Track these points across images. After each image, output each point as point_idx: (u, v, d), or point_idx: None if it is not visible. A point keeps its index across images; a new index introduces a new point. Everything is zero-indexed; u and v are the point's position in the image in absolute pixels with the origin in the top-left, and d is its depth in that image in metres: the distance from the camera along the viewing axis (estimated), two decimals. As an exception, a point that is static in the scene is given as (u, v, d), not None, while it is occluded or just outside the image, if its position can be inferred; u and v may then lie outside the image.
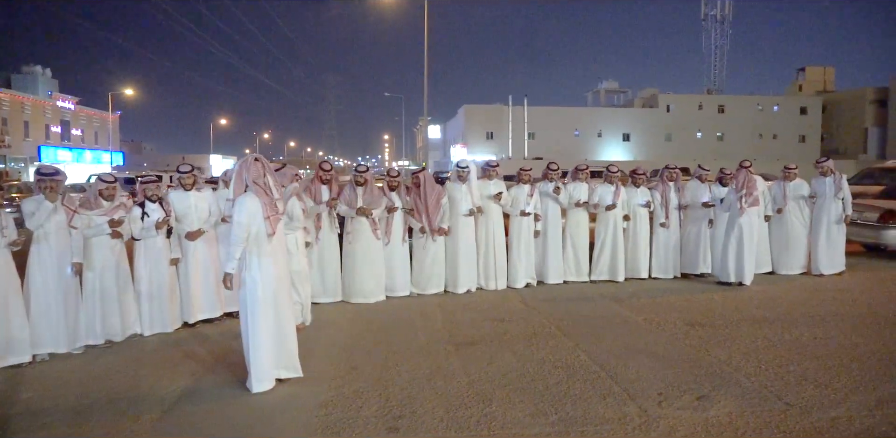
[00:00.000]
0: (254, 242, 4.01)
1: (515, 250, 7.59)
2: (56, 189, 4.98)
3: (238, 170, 4.05)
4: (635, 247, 7.95)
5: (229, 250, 4.00)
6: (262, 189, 4.02)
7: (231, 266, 3.99)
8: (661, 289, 7.40)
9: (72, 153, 52.01)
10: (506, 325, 5.77)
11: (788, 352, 4.82)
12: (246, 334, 4.04)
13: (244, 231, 3.97)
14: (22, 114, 47.31)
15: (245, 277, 4.03)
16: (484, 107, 57.21)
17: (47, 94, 51.08)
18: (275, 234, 4.05)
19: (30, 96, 48.37)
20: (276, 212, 4.08)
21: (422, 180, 7.09)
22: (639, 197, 7.94)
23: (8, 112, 45.64)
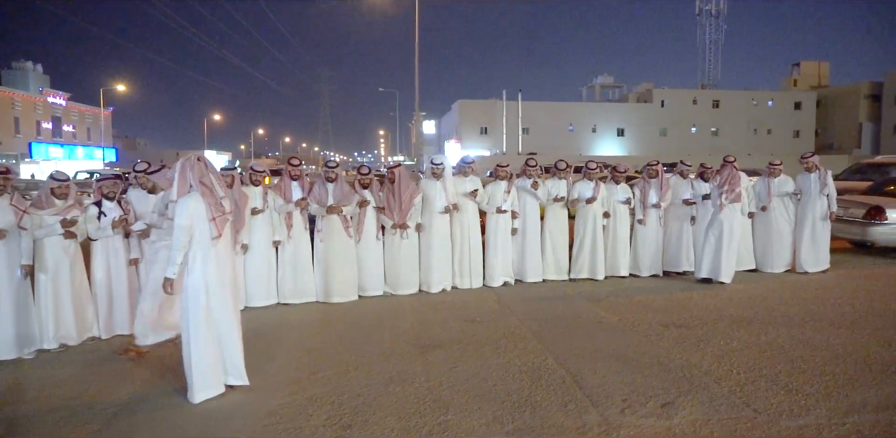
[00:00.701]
0: (197, 245, 3.82)
1: (492, 248, 7.43)
2: (3, 188, 4.79)
3: (181, 169, 3.85)
4: (615, 245, 7.79)
5: (170, 254, 3.81)
6: (207, 189, 3.84)
7: (172, 271, 3.79)
8: (640, 288, 7.25)
9: (63, 149, 51.61)
10: (476, 327, 5.60)
11: (762, 355, 4.67)
12: (187, 341, 3.85)
13: (186, 234, 3.77)
14: (12, 111, 46.88)
15: (187, 282, 3.83)
16: (478, 103, 56.95)
17: (38, 90, 50.64)
18: (221, 237, 3.86)
19: (20, 92, 47.91)
20: (223, 212, 3.89)
21: (397, 176, 6.91)
22: (619, 193, 7.77)
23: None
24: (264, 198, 6.47)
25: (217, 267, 3.88)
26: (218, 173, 4.01)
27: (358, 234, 6.80)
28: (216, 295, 3.87)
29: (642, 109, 59.25)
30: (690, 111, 58.98)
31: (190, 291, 3.82)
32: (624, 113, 59.49)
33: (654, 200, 7.75)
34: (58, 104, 52.95)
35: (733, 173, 7.38)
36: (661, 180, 7.80)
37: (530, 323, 5.71)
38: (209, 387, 3.90)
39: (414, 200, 6.92)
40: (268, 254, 6.55)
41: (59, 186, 5.13)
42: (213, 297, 3.86)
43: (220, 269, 3.90)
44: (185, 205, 3.77)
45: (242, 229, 6.16)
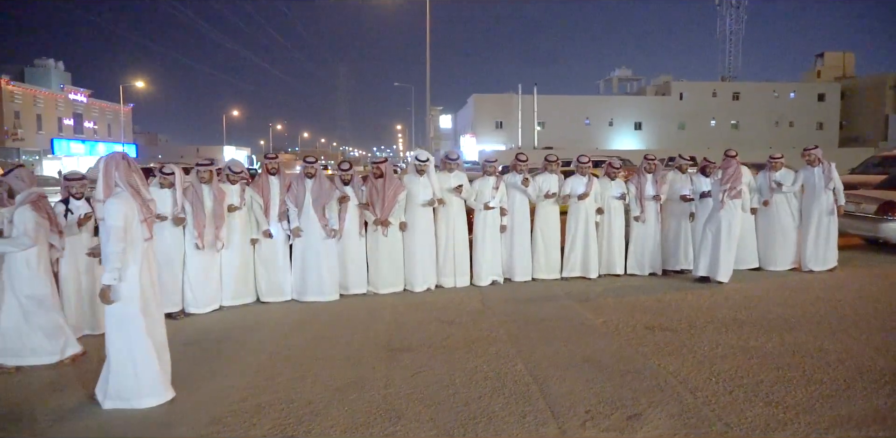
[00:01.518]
0: (130, 248, 3.62)
1: (479, 246, 7.19)
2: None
3: (105, 168, 3.64)
4: (610, 243, 7.50)
5: (108, 259, 3.55)
6: (135, 189, 3.64)
7: (111, 277, 3.54)
8: (633, 288, 6.96)
9: (85, 145, 52.32)
10: (452, 328, 5.38)
11: (747, 362, 4.38)
12: (126, 349, 3.65)
13: (122, 236, 3.55)
14: (35, 108, 47.61)
15: (119, 288, 3.62)
16: (493, 97, 56.49)
17: (60, 87, 51.32)
18: (152, 239, 3.68)
19: (42, 89, 48.63)
20: (151, 213, 3.71)
21: (383, 172, 6.69)
22: (613, 189, 7.47)
23: (21, 105, 45.95)
24: (241, 195, 6.31)
25: (147, 270, 3.70)
26: (142, 174, 3.80)
27: (339, 231, 6.60)
28: (151, 299, 3.69)
29: (660, 102, 58.27)
30: (710, 104, 57.86)
31: (124, 297, 3.62)
32: (641, 106, 58.58)
33: (652, 194, 7.44)
34: (79, 101, 53.68)
35: (736, 168, 7.00)
36: (657, 175, 7.48)
37: (509, 325, 5.47)
38: (154, 394, 3.72)
39: (398, 197, 6.70)
40: (245, 252, 6.39)
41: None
42: (149, 302, 3.68)
43: (150, 272, 3.72)
44: (117, 206, 3.55)
45: (223, 226, 6.01)
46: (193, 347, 4.99)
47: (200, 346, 5.01)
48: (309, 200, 6.43)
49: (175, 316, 5.91)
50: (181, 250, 5.94)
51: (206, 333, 5.39)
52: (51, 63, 52.73)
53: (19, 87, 46.19)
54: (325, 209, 6.47)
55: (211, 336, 5.31)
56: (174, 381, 4.17)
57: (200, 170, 5.92)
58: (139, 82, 55.77)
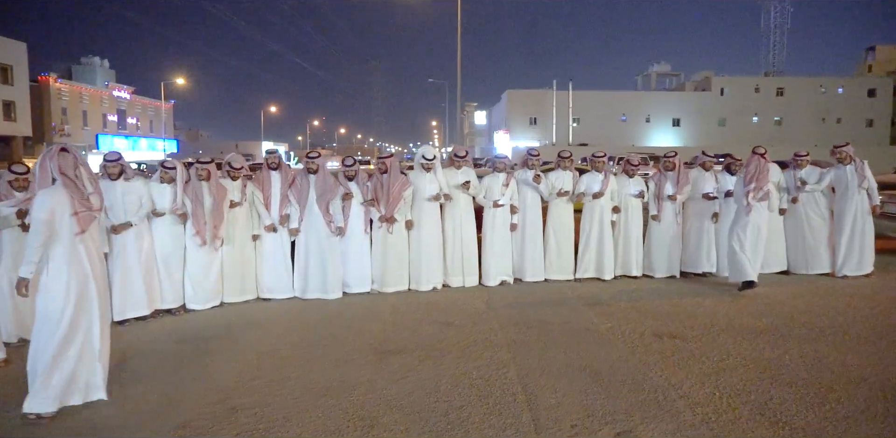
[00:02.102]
0: (58, 242, 3.48)
1: (488, 245, 6.95)
2: None
3: (41, 161, 3.53)
4: (626, 243, 7.17)
5: (26, 252, 3.44)
6: (70, 181, 3.51)
7: (27, 270, 3.42)
8: (648, 291, 6.62)
9: (128, 141, 53.78)
10: (449, 331, 5.17)
11: (759, 375, 4.05)
12: (41, 347, 3.48)
13: (44, 229, 3.42)
14: (80, 104, 49.12)
15: (45, 282, 3.47)
16: (527, 92, 55.82)
17: (104, 85, 52.83)
18: (84, 233, 3.51)
19: (88, 86, 50.13)
20: (89, 207, 3.55)
21: (388, 167, 6.52)
22: (631, 187, 7.13)
23: (67, 102, 47.46)
24: (243, 191, 6.21)
25: (79, 266, 3.52)
26: (89, 168, 3.66)
27: (343, 229, 6.46)
28: (83, 298, 3.53)
29: (700, 98, 56.68)
30: (752, 100, 55.99)
31: (47, 293, 3.47)
32: (680, 102, 57.08)
33: (670, 193, 7.08)
34: (123, 97, 55.20)
35: (762, 167, 6.43)
36: (678, 173, 7.11)
37: (510, 328, 5.23)
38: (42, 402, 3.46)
39: (403, 193, 6.51)
40: (246, 249, 6.30)
41: (16, 179, 4.99)
42: (79, 300, 3.51)
43: (81, 269, 3.53)
44: (45, 198, 3.44)
45: (222, 224, 5.92)
46: (185, 345, 4.91)
47: (192, 344, 4.93)
48: (313, 197, 6.30)
49: (175, 312, 5.86)
50: (181, 246, 5.88)
51: (201, 330, 5.31)
52: (96, 61, 54.32)
53: (66, 85, 47.72)
54: (328, 206, 6.33)
55: (205, 333, 5.22)
56: (156, 379, 4.09)
57: (199, 168, 5.84)
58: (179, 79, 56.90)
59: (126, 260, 5.49)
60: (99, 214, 3.65)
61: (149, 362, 4.51)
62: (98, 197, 3.67)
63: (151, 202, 5.64)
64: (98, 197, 3.67)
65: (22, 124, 41.93)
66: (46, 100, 45.08)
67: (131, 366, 4.40)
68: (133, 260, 5.52)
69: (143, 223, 5.60)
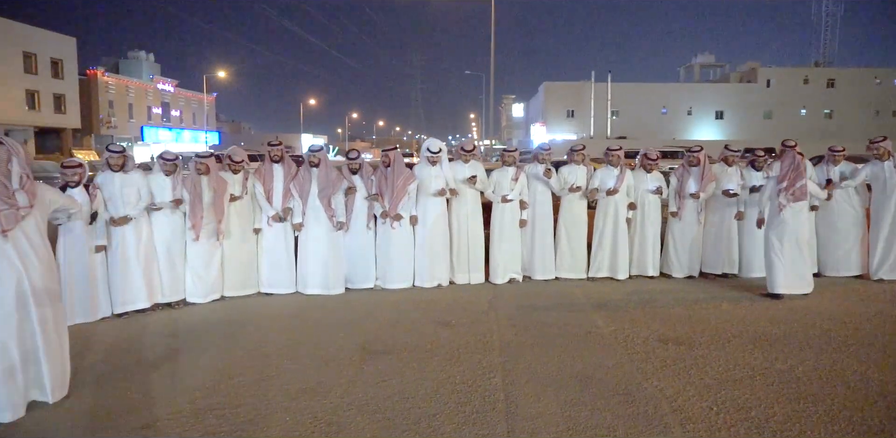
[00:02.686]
0: None
1: (496, 241, 6.72)
2: None
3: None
4: (643, 241, 6.83)
5: None
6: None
7: None
8: (663, 292, 6.29)
9: (171, 133, 55.13)
10: (444, 331, 4.99)
11: (765, 389, 3.74)
12: None
13: None
14: (127, 97, 50.52)
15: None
16: (565, 85, 54.87)
17: (149, 78, 54.20)
18: (8, 231, 3.33)
19: (134, 80, 51.50)
20: (14, 205, 3.37)
21: (392, 160, 6.35)
22: (648, 182, 6.79)
23: (114, 95, 48.87)
24: (244, 184, 6.14)
25: (11, 267, 3.37)
26: (25, 162, 3.46)
27: (346, 224, 6.33)
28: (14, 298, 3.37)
29: (745, 90, 54.71)
30: (800, 91, 53.76)
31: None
32: (724, 94, 55.21)
33: (693, 191, 6.70)
34: (167, 90, 56.57)
35: (796, 163, 5.89)
36: (702, 169, 6.72)
37: (508, 330, 5.01)
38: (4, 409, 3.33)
39: (408, 187, 6.33)
40: (248, 242, 6.23)
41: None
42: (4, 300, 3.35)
43: (12, 270, 3.37)
44: None
45: (222, 216, 5.87)
46: (175, 340, 4.86)
47: (182, 339, 4.87)
48: (315, 191, 6.18)
49: (175, 305, 5.84)
50: (182, 239, 5.84)
51: (195, 325, 5.26)
52: (142, 55, 55.76)
53: (113, 78, 49.13)
54: (331, 200, 6.20)
55: (198, 328, 5.17)
56: (134, 376, 4.03)
57: (198, 162, 5.78)
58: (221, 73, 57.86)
59: (125, 253, 5.47)
60: (29, 212, 3.45)
61: (133, 357, 4.45)
62: (27, 194, 3.45)
63: (150, 195, 5.61)
64: (27, 194, 3.45)
65: (71, 116, 43.39)
66: (94, 93, 46.48)
67: (114, 362, 4.36)
68: (132, 252, 5.50)
69: (142, 216, 5.57)
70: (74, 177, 5.20)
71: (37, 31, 40.67)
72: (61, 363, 3.61)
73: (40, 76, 40.74)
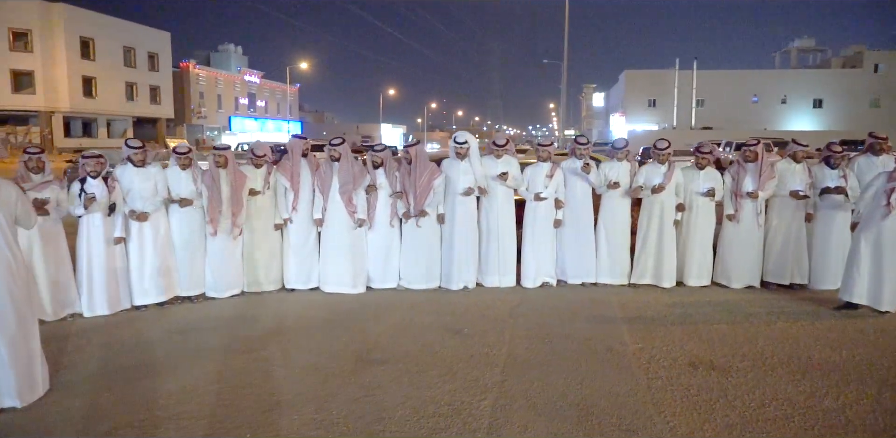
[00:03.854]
0: None
1: (528, 242, 6.25)
2: None
3: None
4: (692, 245, 6.16)
5: None
6: None
7: None
8: (712, 304, 5.63)
9: (257, 122, 57.37)
10: (451, 340, 4.62)
11: (802, 433, 3.13)
12: None
13: None
14: (216, 88, 52.98)
15: None
16: (647, 73, 52.41)
17: (237, 70, 56.52)
18: None
19: (223, 72, 53.90)
20: None
21: (413, 155, 6.02)
22: (700, 181, 6.10)
23: (204, 86, 51.37)
24: (266, 179, 5.98)
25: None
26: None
27: (368, 220, 6.07)
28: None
29: (848, 76, 50.19)
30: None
31: None
32: (823, 80, 50.89)
33: (750, 189, 5.96)
34: (253, 82, 58.86)
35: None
36: (760, 165, 5.97)
37: (521, 342, 4.58)
38: None
39: (433, 182, 5.98)
40: (271, 238, 6.08)
41: (29, 159, 5.05)
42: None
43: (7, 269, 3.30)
44: None
45: (241, 212, 5.75)
46: (174, 337, 4.77)
47: (181, 337, 4.78)
48: (336, 186, 5.95)
49: (194, 299, 5.79)
50: (202, 233, 5.77)
51: (201, 321, 5.17)
52: (231, 48, 58.22)
53: (204, 70, 51.61)
54: (352, 196, 5.95)
55: (203, 325, 5.08)
56: (115, 377, 3.94)
57: (216, 155, 5.67)
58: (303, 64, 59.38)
59: (142, 246, 5.46)
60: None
61: (126, 356, 4.35)
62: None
63: (167, 189, 5.56)
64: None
65: (165, 107, 46.04)
66: (187, 84, 49.02)
67: (108, 359, 4.29)
68: (149, 246, 5.47)
69: (159, 210, 5.53)
70: (97, 168, 5.21)
71: (136, 27, 43.23)
72: (28, 365, 3.53)
73: (138, 69, 43.35)
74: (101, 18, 39.70)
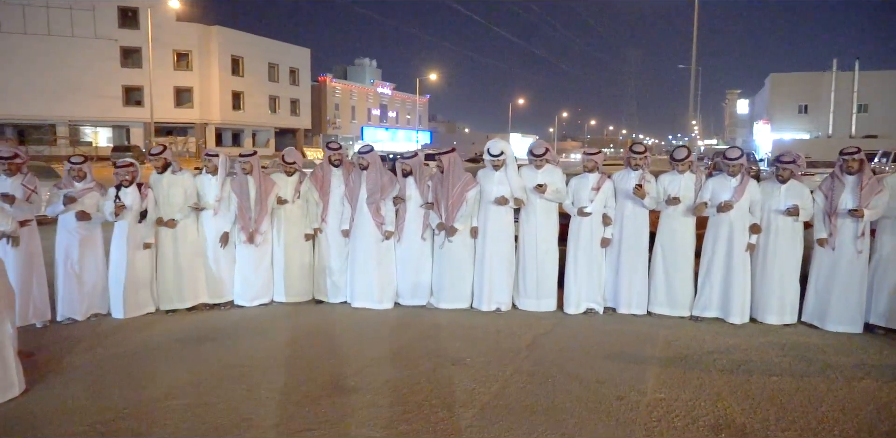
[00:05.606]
0: None
1: (573, 263, 5.56)
2: (15, 169, 5.08)
3: None
4: (770, 275, 5.12)
5: None
6: None
7: None
8: (786, 349, 4.59)
9: (388, 132, 59.77)
10: (443, 371, 4.12)
11: None
12: None
13: None
14: (350, 100, 56.01)
15: None
16: (796, 76, 47.31)
17: (370, 82, 59.32)
18: None
19: (357, 84, 56.86)
20: None
21: (446, 164, 5.60)
22: (781, 198, 5.06)
23: (339, 98, 54.50)
24: (297, 188, 5.84)
25: None
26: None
27: (398, 232, 5.73)
28: None
29: None
30: None
31: None
32: None
33: (850, 206, 4.84)
34: (385, 94, 61.48)
35: None
36: (863, 177, 4.82)
37: (518, 379, 3.97)
38: None
39: (466, 194, 5.51)
40: (303, 248, 5.93)
41: (71, 169, 5.28)
42: None
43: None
44: None
45: (264, 219, 5.67)
46: (174, 345, 4.72)
47: (181, 346, 4.71)
48: (363, 196, 5.68)
49: (222, 306, 5.78)
50: (231, 241, 5.74)
51: (209, 331, 5.09)
52: (366, 62, 61.20)
53: (339, 83, 54.74)
54: (380, 206, 5.65)
55: (210, 335, 4.99)
56: (89, 385, 3.90)
57: (242, 162, 5.62)
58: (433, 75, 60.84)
59: (168, 252, 5.53)
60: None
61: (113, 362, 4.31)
62: None
63: (196, 195, 5.59)
64: None
65: (304, 118, 49.38)
66: (323, 97, 52.22)
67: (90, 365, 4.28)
68: (176, 252, 5.53)
69: (188, 216, 5.58)
70: (127, 177, 5.35)
71: (279, 45, 46.83)
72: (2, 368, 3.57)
73: (280, 83, 46.87)
74: (250, 38, 43.43)
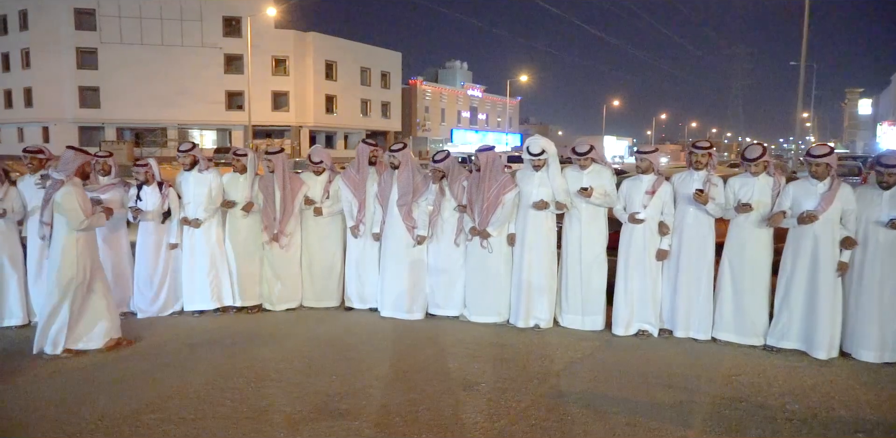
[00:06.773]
0: None
1: (623, 277, 4.86)
2: (38, 165, 5.08)
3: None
4: (868, 300, 4.19)
5: None
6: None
7: None
8: (885, 394, 3.69)
9: (478, 135, 59.61)
10: (449, 399, 3.61)
11: None
12: None
13: None
14: (440, 103, 56.40)
15: None
16: (932, 71, 42.49)
17: (460, 85, 59.45)
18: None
19: (447, 87, 57.17)
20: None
21: (483, 163, 5.08)
22: (883, 208, 4.12)
23: (430, 101, 55.02)
24: (326, 188, 5.52)
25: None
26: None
27: (425, 237, 5.28)
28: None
29: None
30: None
31: None
32: None
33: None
34: (475, 96, 61.38)
35: None
36: None
37: (530, 416, 3.38)
38: None
39: (503, 197, 4.96)
40: (334, 252, 5.62)
41: (97, 162, 5.23)
42: None
43: None
44: None
45: (289, 218, 5.38)
46: (187, 349, 4.54)
47: (195, 349, 4.54)
48: (395, 197, 5.27)
49: (250, 310, 5.56)
50: (258, 242, 5.52)
51: (224, 336, 4.86)
52: (457, 64, 61.38)
53: (430, 86, 55.23)
54: (411, 209, 5.22)
55: (224, 340, 4.75)
56: (74, 390, 3.74)
57: (266, 160, 5.36)
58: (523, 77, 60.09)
59: (193, 253, 5.37)
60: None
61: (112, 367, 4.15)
62: None
63: (221, 195, 5.40)
64: None
65: (394, 121, 50.18)
66: (413, 100, 52.87)
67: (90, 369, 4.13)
68: (200, 253, 5.38)
69: (213, 217, 5.40)
70: (146, 176, 5.22)
71: (371, 49, 47.82)
72: None
73: (372, 87, 47.85)
74: (343, 43, 44.62)
